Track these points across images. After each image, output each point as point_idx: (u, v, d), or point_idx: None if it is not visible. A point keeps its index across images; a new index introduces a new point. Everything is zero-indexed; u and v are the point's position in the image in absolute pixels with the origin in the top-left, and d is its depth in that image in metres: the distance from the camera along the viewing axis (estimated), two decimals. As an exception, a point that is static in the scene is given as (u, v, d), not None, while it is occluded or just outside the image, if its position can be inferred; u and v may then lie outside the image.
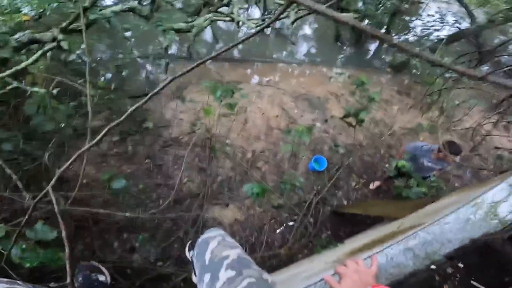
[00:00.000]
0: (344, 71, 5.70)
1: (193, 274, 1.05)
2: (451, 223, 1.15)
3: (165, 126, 3.92)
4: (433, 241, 1.10)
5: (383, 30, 6.77)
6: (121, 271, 2.52)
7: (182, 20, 3.80)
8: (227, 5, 4.29)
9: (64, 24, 2.27)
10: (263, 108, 4.47)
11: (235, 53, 6.46)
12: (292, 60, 6.32)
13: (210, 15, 3.47)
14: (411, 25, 7.48)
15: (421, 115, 4.80)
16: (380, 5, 5.65)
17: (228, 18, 3.53)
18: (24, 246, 1.43)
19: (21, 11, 2.59)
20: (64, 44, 2.22)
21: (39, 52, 2.09)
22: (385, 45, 6.93)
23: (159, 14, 3.33)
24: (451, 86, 4.59)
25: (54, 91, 2.13)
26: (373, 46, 6.92)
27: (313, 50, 6.77)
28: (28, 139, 2.79)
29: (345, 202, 3.49)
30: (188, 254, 1.46)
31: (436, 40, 6.63)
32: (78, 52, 3.53)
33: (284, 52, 6.53)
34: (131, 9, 2.80)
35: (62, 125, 2.58)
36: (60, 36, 2.21)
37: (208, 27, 4.33)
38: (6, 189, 2.45)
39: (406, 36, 7.15)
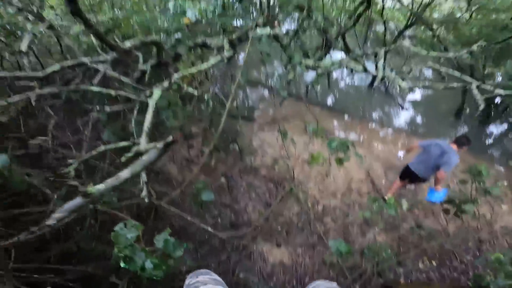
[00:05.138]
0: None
1: None
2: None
3: (250, 153, 4.63)
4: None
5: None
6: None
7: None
8: (347, 50, 4.81)
9: (233, 37, 3.13)
10: (348, 167, 4.79)
11: (329, 100, 7.04)
12: (391, 124, 6.51)
13: (341, 58, 3.94)
14: None
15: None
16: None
17: (360, 67, 3.88)
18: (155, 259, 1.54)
19: (185, 14, 3.21)
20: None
21: (219, 57, 2.93)
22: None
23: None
24: None
25: (206, 96, 2.94)
26: (499, 130, 6.59)
27: (419, 119, 6.84)
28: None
29: (402, 281, 3.52)
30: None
31: None
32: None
33: (384, 113, 6.79)
34: (275, 36, 3.52)
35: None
36: (227, 46, 3.07)
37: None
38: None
39: None
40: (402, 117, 6.78)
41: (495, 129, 6.59)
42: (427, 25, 5.82)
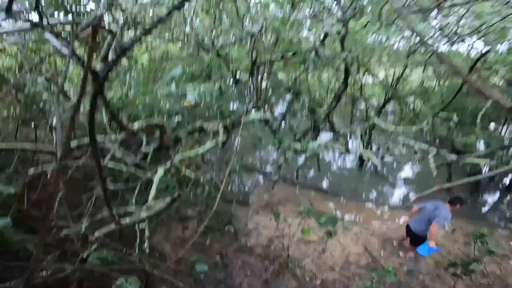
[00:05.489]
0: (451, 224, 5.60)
1: None
2: None
3: (246, 234, 4.75)
4: None
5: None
6: None
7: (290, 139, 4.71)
8: (333, 131, 5.30)
9: (228, 122, 3.59)
10: (345, 243, 4.84)
11: (323, 183, 7.35)
12: (385, 202, 6.64)
13: (326, 141, 4.42)
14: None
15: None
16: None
17: (344, 149, 4.31)
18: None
19: (186, 97, 3.38)
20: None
21: (214, 142, 3.36)
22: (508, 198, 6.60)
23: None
24: None
25: (202, 179, 3.26)
26: (491, 199, 6.68)
27: (411, 195, 7.02)
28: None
29: None
30: None
31: None
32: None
33: (377, 193, 6.99)
34: (266, 121, 3.99)
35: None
36: (221, 131, 3.53)
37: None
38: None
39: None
40: (395, 195, 6.98)
41: (488, 196, 6.72)
42: (398, 99, 6.53)
